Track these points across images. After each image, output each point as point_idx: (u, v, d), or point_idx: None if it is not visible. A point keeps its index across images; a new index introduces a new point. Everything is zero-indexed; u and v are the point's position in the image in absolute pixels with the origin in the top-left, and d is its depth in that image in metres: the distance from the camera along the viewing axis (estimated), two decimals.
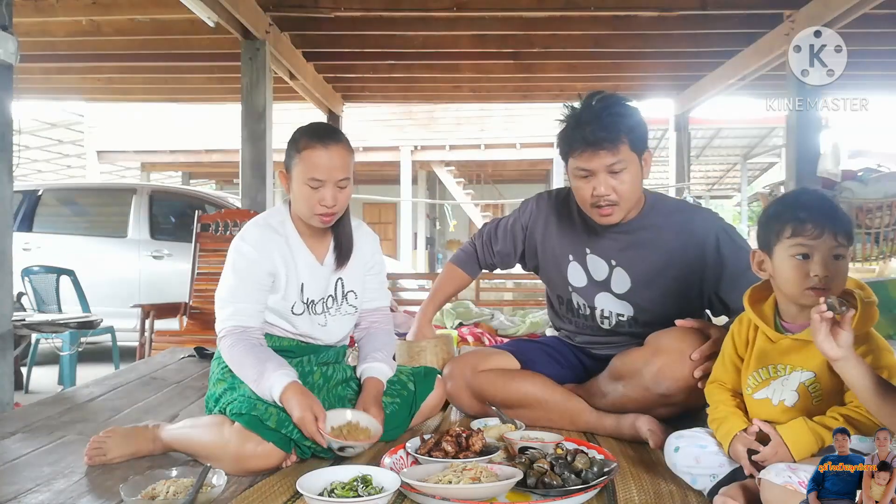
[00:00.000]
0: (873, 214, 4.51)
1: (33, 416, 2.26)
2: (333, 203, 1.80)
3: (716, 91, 6.46)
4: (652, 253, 1.98)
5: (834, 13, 4.18)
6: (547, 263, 2.18)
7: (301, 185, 1.81)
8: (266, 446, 1.65)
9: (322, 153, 1.79)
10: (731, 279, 1.89)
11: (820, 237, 1.39)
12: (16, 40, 2.89)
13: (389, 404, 1.95)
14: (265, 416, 1.68)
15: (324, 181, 1.78)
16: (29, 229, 6.14)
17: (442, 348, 2.36)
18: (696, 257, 1.94)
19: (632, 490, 1.53)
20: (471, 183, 15.14)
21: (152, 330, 4.23)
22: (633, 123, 1.88)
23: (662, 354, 1.82)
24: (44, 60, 5.96)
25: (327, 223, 1.85)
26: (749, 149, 13.35)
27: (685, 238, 1.96)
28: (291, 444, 1.70)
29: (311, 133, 1.82)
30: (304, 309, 1.90)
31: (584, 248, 2.06)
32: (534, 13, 4.94)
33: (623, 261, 2.01)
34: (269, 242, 1.86)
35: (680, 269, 1.96)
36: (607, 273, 2.03)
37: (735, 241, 1.94)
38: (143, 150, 12.78)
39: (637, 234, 1.99)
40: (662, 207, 2.02)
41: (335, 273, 1.94)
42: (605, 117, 1.84)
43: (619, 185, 1.87)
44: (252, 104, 4.79)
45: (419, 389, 2.04)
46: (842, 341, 1.25)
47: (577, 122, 1.87)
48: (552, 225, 2.14)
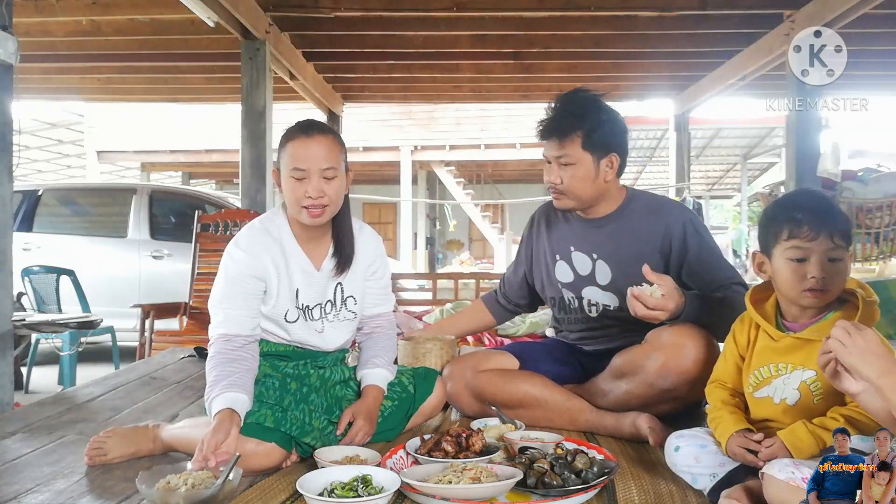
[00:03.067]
0: (873, 214, 4.52)
1: (33, 416, 2.26)
2: (319, 194, 1.74)
3: (716, 91, 6.46)
4: (629, 244, 2.05)
5: (834, 13, 4.18)
6: (539, 267, 2.26)
7: (287, 179, 1.77)
8: (267, 445, 1.64)
9: (304, 142, 1.76)
10: (689, 267, 2.01)
11: (816, 239, 1.39)
12: (16, 40, 2.89)
13: (388, 406, 1.95)
14: (262, 419, 1.67)
15: (307, 170, 1.73)
16: (29, 229, 6.14)
17: (446, 350, 2.38)
18: (666, 246, 2.04)
19: (632, 490, 1.53)
20: (471, 183, 15.14)
21: (152, 330, 4.22)
22: (592, 125, 1.98)
23: (665, 349, 1.85)
24: (44, 60, 5.96)
25: (315, 217, 1.77)
26: (749, 149, 13.34)
27: (659, 228, 2.04)
28: (293, 443, 1.70)
29: (296, 126, 1.81)
30: (299, 315, 1.85)
31: (569, 245, 2.15)
32: (534, 13, 4.94)
33: (603, 253, 2.08)
34: (261, 248, 1.81)
35: (655, 258, 2.03)
36: (591, 267, 2.10)
37: (699, 233, 2.04)
38: (143, 150, 12.78)
39: (614, 227, 2.09)
40: (638, 202, 2.11)
41: (334, 279, 1.89)
42: (561, 111, 1.98)
43: (565, 177, 2.01)
44: (252, 104, 4.79)
45: (419, 392, 2.02)
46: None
47: (546, 110, 2.02)
48: (543, 229, 2.26)
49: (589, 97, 2.04)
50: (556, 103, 2.02)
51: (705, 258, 2.01)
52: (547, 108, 2.04)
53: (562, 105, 2.01)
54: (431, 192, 16.36)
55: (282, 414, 1.70)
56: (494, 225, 13.79)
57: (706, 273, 1.99)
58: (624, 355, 1.96)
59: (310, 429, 1.74)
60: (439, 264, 15.19)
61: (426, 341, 2.41)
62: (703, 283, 1.99)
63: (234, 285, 1.78)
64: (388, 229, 17.05)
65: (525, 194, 14.66)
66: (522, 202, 13.02)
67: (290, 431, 1.68)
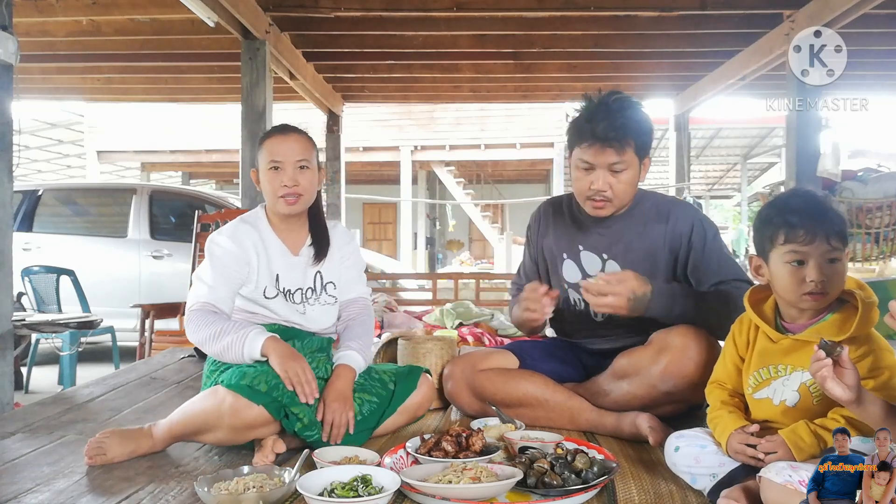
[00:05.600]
0: (873, 214, 4.51)
1: (33, 416, 2.26)
2: (294, 183, 1.90)
3: (716, 91, 6.46)
4: (640, 244, 2.05)
5: (834, 13, 4.18)
6: (544, 264, 2.24)
7: (265, 173, 1.94)
8: (255, 408, 1.68)
9: (280, 138, 1.95)
10: (692, 264, 2.02)
11: (812, 243, 1.38)
12: (16, 40, 2.89)
13: (367, 402, 1.93)
14: (255, 383, 1.71)
15: (282, 161, 1.91)
16: (29, 229, 6.13)
17: (446, 350, 2.38)
18: (675, 244, 2.04)
19: (632, 490, 1.53)
20: (471, 183, 15.14)
21: (152, 330, 4.22)
22: (643, 129, 1.97)
23: (668, 352, 1.85)
24: (44, 60, 5.95)
25: (291, 205, 1.92)
26: (749, 149, 13.35)
27: (668, 228, 2.04)
28: (282, 411, 1.72)
29: (272, 128, 2.02)
30: (278, 293, 1.96)
31: (577, 245, 2.13)
32: (534, 13, 4.94)
33: (614, 253, 2.07)
34: (241, 233, 1.95)
35: (664, 258, 2.04)
36: (600, 267, 2.08)
37: (706, 232, 2.03)
38: (143, 150, 12.78)
39: (626, 227, 2.07)
40: (648, 202, 2.11)
41: (313, 267, 2.01)
42: (618, 117, 1.91)
43: (616, 183, 1.96)
44: (252, 104, 4.78)
45: (399, 388, 1.99)
46: (848, 380, 1.22)
47: (590, 116, 1.94)
48: (551, 227, 2.23)
49: (634, 101, 1.99)
50: (600, 107, 1.93)
51: (709, 256, 2.01)
52: (587, 112, 1.95)
53: (615, 110, 1.92)
54: (431, 192, 16.36)
55: (277, 381, 1.74)
56: (494, 225, 13.79)
57: (707, 269, 2.00)
58: (626, 356, 1.96)
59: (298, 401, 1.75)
60: (439, 264, 15.20)
61: (426, 341, 2.41)
62: (703, 278, 1.99)
63: (219, 267, 1.91)
64: (388, 229, 17.05)
65: (525, 194, 14.67)
66: (522, 202, 13.03)
67: (282, 398, 1.72)
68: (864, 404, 1.23)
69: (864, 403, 1.23)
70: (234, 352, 1.80)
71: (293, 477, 1.48)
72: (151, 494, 1.53)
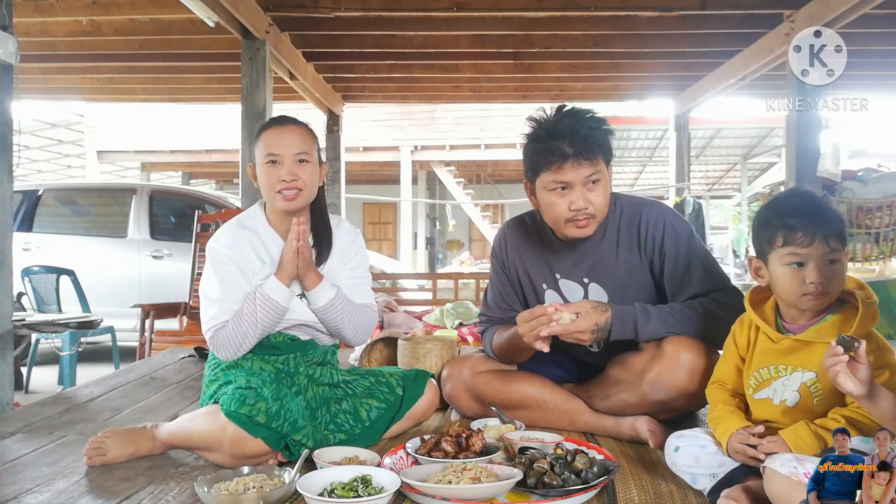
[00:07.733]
0: (873, 214, 4.51)
1: (33, 416, 2.26)
2: (293, 177, 1.81)
3: (716, 91, 6.46)
4: (618, 260, 1.97)
5: (834, 13, 4.17)
6: (526, 293, 2.11)
7: (262, 167, 1.84)
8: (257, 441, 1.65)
9: (277, 130, 1.86)
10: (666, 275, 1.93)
11: (811, 244, 1.38)
12: (16, 40, 2.89)
13: (375, 407, 1.93)
14: (254, 413, 1.66)
15: (280, 155, 1.81)
16: (29, 229, 6.13)
17: (446, 350, 2.37)
18: (650, 251, 1.95)
19: (632, 490, 1.53)
20: (471, 183, 15.14)
21: (152, 330, 4.22)
22: (605, 135, 1.87)
23: (660, 360, 1.82)
24: (44, 60, 5.95)
25: (290, 200, 1.82)
26: (749, 149, 13.33)
27: (641, 233, 1.95)
28: (282, 442, 1.70)
29: (269, 120, 1.92)
30: None
31: (553, 273, 2.03)
32: (534, 13, 4.94)
33: (595, 275, 1.98)
34: (240, 239, 1.87)
35: (643, 266, 1.96)
36: (583, 293, 2.00)
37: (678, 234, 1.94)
38: (143, 150, 12.77)
39: (599, 246, 1.97)
40: (618, 208, 1.99)
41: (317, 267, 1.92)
42: (582, 129, 1.82)
43: (595, 197, 1.86)
44: (252, 104, 4.78)
45: (407, 394, 1.99)
46: (862, 376, 1.21)
47: (551, 135, 1.83)
48: (519, 253, 2.10)
49: (586, 108, 1.90)
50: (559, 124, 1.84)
51: (683, 265, 1.91)
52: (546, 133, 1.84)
53: (575, 122, 1.83)
54: (431, 192, 16.35)
55: (277, 409, 1.69)
56: (494, 225, 13.79)
57: (682, 281, 1.91)
58: (619, 363, 1.92)
59: (301, 425, 1.73)
60: (439, 264, 15.20)
61: (426, 341, 2.41)
62: (677, 291, 1.92)
63: (224, 279, 1.84)
64: (388, 229, 17.05)
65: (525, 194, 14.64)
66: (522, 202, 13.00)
67: (282, 429, 1.68)
68: (875, 400, 1.22)
69: (875, 399, 1.22)
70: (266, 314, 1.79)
71: (293, 477, 1.48)
72: (151, 495, 1.54)
